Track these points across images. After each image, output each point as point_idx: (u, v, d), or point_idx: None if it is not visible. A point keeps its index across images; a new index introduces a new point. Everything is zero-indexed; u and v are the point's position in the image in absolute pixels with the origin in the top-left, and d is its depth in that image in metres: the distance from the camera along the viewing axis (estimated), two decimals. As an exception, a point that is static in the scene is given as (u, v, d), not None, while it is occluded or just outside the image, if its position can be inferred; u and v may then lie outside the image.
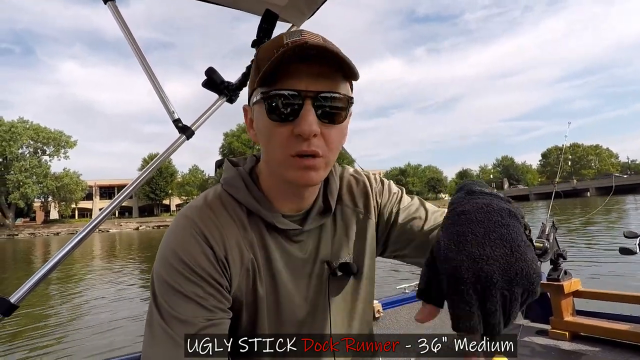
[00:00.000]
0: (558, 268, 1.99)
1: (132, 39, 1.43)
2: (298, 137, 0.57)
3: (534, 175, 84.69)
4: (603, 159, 79.36)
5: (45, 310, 6.58)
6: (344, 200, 0.75)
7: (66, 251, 1.15)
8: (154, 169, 1.43)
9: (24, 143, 46.10)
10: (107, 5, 1.42)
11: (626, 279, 5.42)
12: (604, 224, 13.06)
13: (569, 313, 1.93)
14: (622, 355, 1.65)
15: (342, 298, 0.72)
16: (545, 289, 1.99)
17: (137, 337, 4.48)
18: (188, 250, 0.60)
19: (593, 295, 1.96)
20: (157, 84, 1.44)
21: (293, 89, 0.56)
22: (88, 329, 5.29)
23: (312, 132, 0.56)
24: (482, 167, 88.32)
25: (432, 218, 0.73)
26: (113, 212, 1.37)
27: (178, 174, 58.83)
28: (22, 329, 5.41)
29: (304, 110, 0.56)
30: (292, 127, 0.57)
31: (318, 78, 0.57)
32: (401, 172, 69.67)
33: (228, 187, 0.68)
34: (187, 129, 1.44)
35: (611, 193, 2.93)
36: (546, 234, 2.02)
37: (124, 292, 7.83)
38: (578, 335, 1.88)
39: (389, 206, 0.77)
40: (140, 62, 1.45)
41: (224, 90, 1.51)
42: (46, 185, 46.23)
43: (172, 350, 0.55)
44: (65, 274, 10.35)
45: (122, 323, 5.39)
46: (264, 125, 0.59)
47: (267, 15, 1.48)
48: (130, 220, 51.84)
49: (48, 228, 45.67)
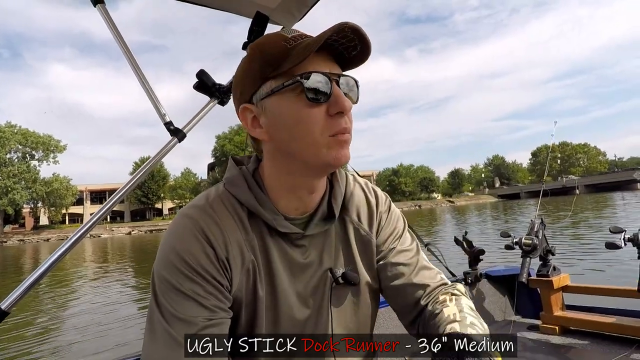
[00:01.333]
0: (547, 264, 2.02)
1: (122, 42, 1.43)
2: (334, 116, 0.60)
3: (525, 173, 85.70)
4: (591, 157, 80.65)
5: (35, 317, 6.47)
6: (349, 210, 0.75)
7: (57, 256, 1.14)
8: (146, 172, 1.42)
9: (12, 148, 45.24)
10: (97, 8, 1.41)
11: (613, 272, 5.53)
12: (591, 221, 13.28)
13: (558, 308, 1.97)
14: (610, 347, 1.69)
15: (343, 306, 0.72)
16: (535, 285, 2.02)
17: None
18: (189, 250, 0.60)
19: (581, 289, 2.00)
20: (148, 87, 1.43)
21: (324, 72, 0.59)
22: (83, 337, 5.22)
23: (350, 107, 0.61)
24: (473, 166, 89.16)
25: (419, 272, 0.74)
26: (104, 217, 1.36)
27: (170, 178, 58.31)
28: (14, 334, 5.32)
29: (335, 90, 0.60)
30: (327, 107, 0.59)
31: (334, 61, 0.62)
32: (394, 173, 69.95)
33: (230, 186, 0.67)
34: (178, 132, 1.44)
35: (574, 199, 2.97)
36: (535, 230, 2.06)
37: (117, 305, 7.74)
38: (568, 330, 1.92)
39: (388, 239, 0.77)
40: (130, 64, 1.44)
41: (215, 92, 1.51)
42: (35, 190, 45.41)
43: (172, 350, 0.55)
44: (55, 282, 10.19)
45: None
46: (296, 110, 0.59)
47: (257, 17, 1.49)
48: (122, 225, 51.15)
49: (38, 234, 44.87)
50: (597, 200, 28.92)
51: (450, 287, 0.74)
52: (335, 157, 0.60)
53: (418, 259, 0.76)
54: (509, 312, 2.24)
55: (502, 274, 2.30)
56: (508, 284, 2.28)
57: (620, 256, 5.36)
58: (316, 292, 0.70)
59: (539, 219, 2.10)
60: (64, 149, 48.86)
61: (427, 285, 0.73)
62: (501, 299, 2.28)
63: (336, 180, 0.73)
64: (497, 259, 5.31)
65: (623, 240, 1.69)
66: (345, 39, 0.58)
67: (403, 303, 0.74)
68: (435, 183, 74.80)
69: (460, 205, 54.28)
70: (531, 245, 2.01)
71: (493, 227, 15.81)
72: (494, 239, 10.50)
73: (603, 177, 60.86)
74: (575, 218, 13.95)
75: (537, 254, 2.02)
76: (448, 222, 22.21)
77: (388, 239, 0.77)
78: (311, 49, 0.57)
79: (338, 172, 0.74)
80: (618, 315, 1.83)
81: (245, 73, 0.64)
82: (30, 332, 5.53)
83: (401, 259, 0.75)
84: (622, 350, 1.63)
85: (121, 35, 1.43)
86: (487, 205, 45.91)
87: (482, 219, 22.19)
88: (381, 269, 0.75)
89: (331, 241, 0.72)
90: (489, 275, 2.30)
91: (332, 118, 0.60)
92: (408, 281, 0.73)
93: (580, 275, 5.47)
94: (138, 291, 8.15)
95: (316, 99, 0.59)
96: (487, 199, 66.78)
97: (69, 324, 5.97)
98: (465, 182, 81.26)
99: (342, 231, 0.74)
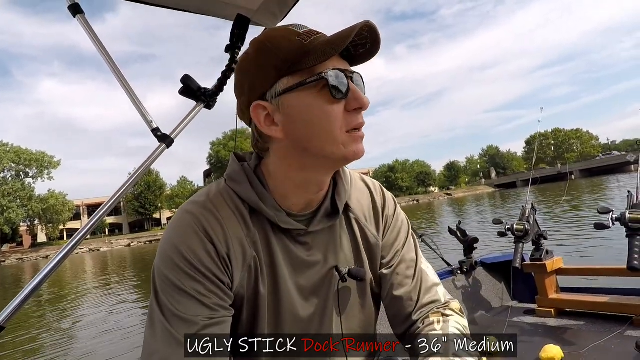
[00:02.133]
0: (540, 248, 2.05)
1: (104, 51, 1.42)
2: (352, 112, 0.61)
3: (520, 162, 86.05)
4: (584, 142, 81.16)
5: (36, 332, 6.44)
6: (353, 208, 0.74)
7: (50, 268, 1.15)
8: (137, 179, 1.43)
9: (5, 167, 44.91)
10: (77, 19, 1.40)
11: (604, 251, 5.59)
12: (586, 204, 13.39)
13: (553, 291, 1.99)
14: (604, 326, 1.72)
15: (349, 305, 0.72)
16: (529, 270, 2.05)
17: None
18: (190, 247, 0.59)
19: (575, 271, 2.03)
20: (132, 94, 1.43)
21: (343, 69, 0.60)
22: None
23: (369, 103, 0.62)
24: (468, 158, 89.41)
25: (418, 285, 0.74)
26: (97, 227, 1.37)
27: (167, 187, 58.08)
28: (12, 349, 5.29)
29: (353, 87, 0.61)
30: (345, 104, 0.60)
31: (342, 58, 0.62)
32: (390, 169, 70.01)
33: (231, 182, 0.67)
34: (166, 137, 1.44)
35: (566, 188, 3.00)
36: (526, 216, 2.09)
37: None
38: (563, 312, 1.94)
39: (394, 245, 0.76)
40: (114, 73, 1.44)
41: (201, 96, 1.52)
42: (31, 208, 45.05)
43: (173, 349, 0.55)
44: (54, 298, 10.11)
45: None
46: (318, 107, 0.59)
47: (238, 19, 1.50)
48: (121, 237, 50.84)
49: (36, 252, 44.46)
50: (593, 184, 29.11)
51: (442, 307, 0.73)
52: (354, 151, 0.61)
53: (420, 270, 0.75)
54: (506, 298, 2.26)
55: (496, 261, 2.32)
56: (503, 270, 2.30)
57: (611, 236, 5.43)
58: (320, 289, 0.69)
59: (529, 204, 2.13)
60: (58, 165, 48.54)
61: (422, 300, 0.73)
62: (497, 286, 2.31)
63: (340, 177, 0.73)
64: (498, 247, 5.35)
65: (611, 220, 1.72)
66: (359, 36, 0.59)
67: (397, 313, 0.74)
68: (432, 177, 74.99)
69: (458, 197, 54.46)
70: (523, 231, 2.04)
71: (492, 216, 15.88)
72: (491, 228, 10.55)
73: (597, 161, 61.28)
74: (574, 202, 14.07)
75: (529, 239, 2.05)
76: (447, 214, 22.28)
77: (394, 244, 0.76)
78: (337, 47, 0.57)
79: (342, 169, 0.73)
80: (611, 294, 1.86)
81: (256, 69, 0.61)
82: (30, 346, 5.50)
83: (403, 269, 0.74)
84: (616, 327, 1.66)
85: (103, 45, 1.43)
86: (485, 196, 46.10)
87: (480, 209, 22.28)
88: (383, 276, 0.75)
89: (336, 238, 0.71)
90: (484, 263, 2.33)
91: (350, 114, 0.61)
92: (406, 293, 0.72)
93: (575, 256, 5.53)
94: (141, 304, 8.12)
95: (338, 95, 0.59)
96: (484, 190, 67.03)
97: (69, 337, 5.94)
98: (461, 174, 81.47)
99: (348, 229, 0.73)
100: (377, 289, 0.75)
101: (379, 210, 0.76)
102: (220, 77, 1.52)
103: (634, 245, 1.65)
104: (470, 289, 2.23)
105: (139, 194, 52.91)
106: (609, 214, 1.72)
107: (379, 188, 0.80)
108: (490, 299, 2.25)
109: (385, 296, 0.75)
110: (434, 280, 0.76)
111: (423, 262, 0.78)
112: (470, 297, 2.19)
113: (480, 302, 2.20)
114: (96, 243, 45.50)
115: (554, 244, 5.88)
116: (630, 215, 1.66)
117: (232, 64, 1.49)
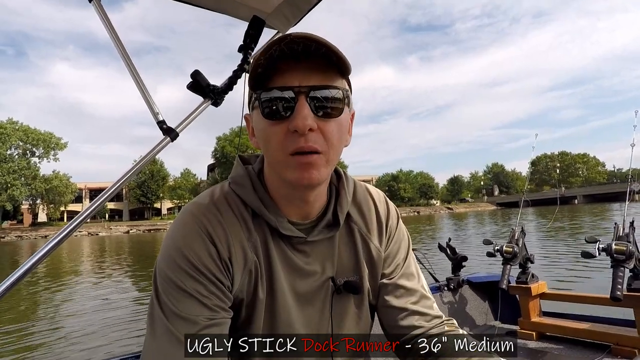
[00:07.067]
0: (526, 271, 2.08)
1: (117, 39, 1.41)
2: (294, 133, 0.56)
3: (524, 182, 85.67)
4: (590, 167, 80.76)
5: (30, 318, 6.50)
6: (356, 219, 0.73)
7: (48, 248, 1.15)
8: (139, 169, 1.43)
9: (12, 144, 45.30)
10: (92, 4, 1.40)
11: (588, 280, 5.60)
12: (569, 231, 13.42)
13: (535, 314, 2.02)
14: (583, 352, 1.75)
15: (344, 314, 0.71)
16: (514, 292, 2.08)
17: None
18: (192, 248, 0.60)
19: (558, 297, 2.06)
20: (142, 85, 1.43)
21: (285, 86, 0.56)
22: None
23: (307, 126, 0.55)
24: (472, 173, 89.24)
25: (420, 300, 0.73)
26: (95, 214, 1.40)
27: (170, 178, 58.33)
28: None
29: (298, 106, 0.56)
30: (288, 124, 0.56)
31: (311, 73, 0.57)
32: (393, 178, 69.98)
33: (235, 185, 0.67)
34: (171, 131, 1.45)
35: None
36: (515, 239, 2.12)
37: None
38: (544, 335, 1.97)
39: (396, 257, 0.76)
40: (125, 62, 1.43)
41: (209, 93, 1.52)
42: (35, 187, 45.43)
43: (173, 348, 0.55)
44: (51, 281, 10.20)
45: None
46: (262, 127, 0.59)
47: (254, 21, 1.50)
48: (120, 224, 51.06)
49: (36, 231, 44.80)
50: (593, 210, 28.92)
51: (446, 321, 0.73)
52: (296, 177, 0.58)
53: (421, 285, 0.75)
54: (490, 317, 2.29)
55: (483, 280, 2.36)
56: (489, 290, 2.33)
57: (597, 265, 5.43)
58: (316, 299, 0.69)
59: (519, 227, 2.17)
60: (65, 147, 48.99)
61: (426, 315, 0.72)
62: (482, 305, 2.34)
63: (342, 187, 0.72)
64: (490, 266, 5.37)
65: (597, 250, 1.75)
66: (310, 48, 0.55)
67: (395, 325, 0.72)
68: (434, 189, 74.84)
69: (459, 212, 54.27)
70: (511, 253, 2.07)
71: (490, 234, 15.85)
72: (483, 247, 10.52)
73: (601, 188, 60.92)
74: (569, 227, 14.01)
75: (517, 262, 2.08)
76: (446, 228, 22.23)
77: (396, 256, 0.76)
78: (262, 65, 0.56)
79: (345, 179, 0.73)
80: (591, 322, 1.89)
81: (248, 83, 0.64)
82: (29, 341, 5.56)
83: (405, 283, 0.73)
84: (594, 355, 1.69)
85: (116, 33, 1.42)
86: (485, 213, 45.90)
87: (479, 226, 22.21)
88: (382, 286, 0.74)
89: (335, 249, 0.70)
90: (470, 282, 2.36)
91: (292, 135, 0.57)
92: (408, 307, 0.72)
93: (559, 282, 5.54)
94: (138, 292, 8.17)
95: (273, 115, 0.57)
96: (486, 207, 66.85)
97: (66, 324, 6.00)
98: (464, 189, 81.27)
99: (349, 239, 0.72)
100: (374, 301, 0.75)
101: (382, 221, 0.75)
102: (231, 75, 1.52)
103: (618, 275, 1.68)
104: (456, 306, 2.26)
105: (142, 182, 53.17)
106: (596, 244, 1.76)
107: (383, 199, 0.79)
108: (475, 317, 2.28)
109: (382, 306, 0.74)
110: (430, 295, 0.76)
111: (421, 276, 0.78)
112: (455, 314, 2.22)
113: (464, 319, 2.23)
114: (95, 227, 45.70)
115: (540, 265, 5.88)
116: (615, 246, 1.69)
117: (244, 64, 1.50)
